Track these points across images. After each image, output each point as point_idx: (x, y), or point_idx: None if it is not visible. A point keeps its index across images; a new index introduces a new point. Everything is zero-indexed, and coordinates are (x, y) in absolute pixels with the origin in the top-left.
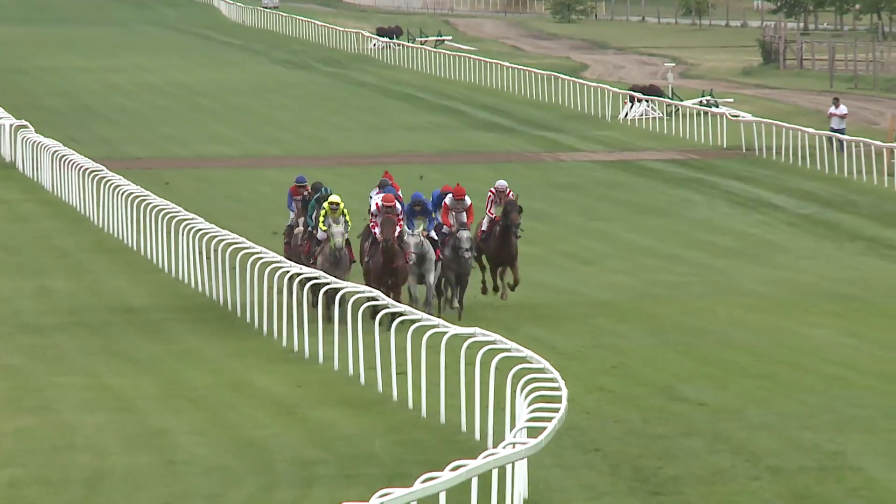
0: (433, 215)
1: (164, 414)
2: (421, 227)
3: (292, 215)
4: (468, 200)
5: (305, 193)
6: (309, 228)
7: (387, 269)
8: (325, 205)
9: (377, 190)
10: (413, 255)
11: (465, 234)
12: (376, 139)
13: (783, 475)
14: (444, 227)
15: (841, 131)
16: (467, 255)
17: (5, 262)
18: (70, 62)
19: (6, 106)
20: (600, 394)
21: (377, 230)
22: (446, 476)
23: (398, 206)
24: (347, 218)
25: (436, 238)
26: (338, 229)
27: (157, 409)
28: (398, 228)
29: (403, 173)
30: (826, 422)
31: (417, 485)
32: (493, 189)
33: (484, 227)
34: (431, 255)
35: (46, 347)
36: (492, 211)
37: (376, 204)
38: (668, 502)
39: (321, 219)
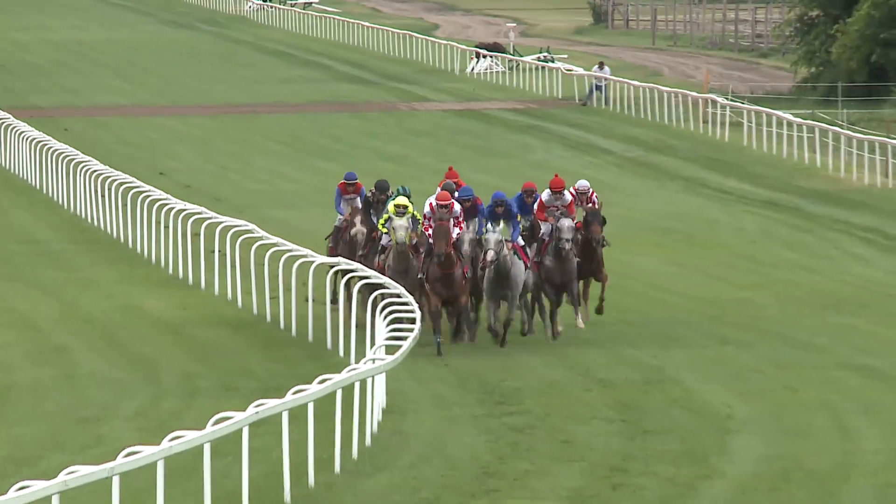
0: (519, 218)
1: (64, 333)
2: (498, 234)
3: (340, 217)
4: (568, 196)
5: (368, 194)
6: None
7: (445, 281)
8: (391, 207)
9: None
10: (492, 251)
11: (566, 221)
12: (253, 90)
13: (611, 387)
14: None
15: (601, 88)
16: (567, 245)
17: None
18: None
19: None
20: None
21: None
22: (314, 388)
23: (457, 207)
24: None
25: (522, 244)
26: (400, 222)
27: (58, 329)
28: (456, 232)
29: (275, 123)
30: (648, 340)
31: (289, 396)
32: (573, 190)
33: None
34: (518, 270)
35: None
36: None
37: (430, 204)
38: (511, 410)
39: (382, 222)
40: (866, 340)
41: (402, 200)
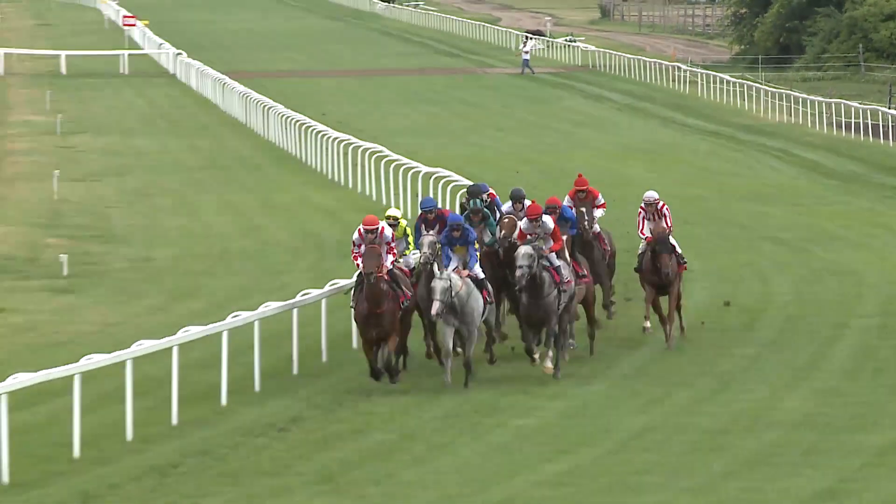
0: (476, 245)
1: (261, 217)
2: (455, 265)
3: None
4: (549, 223)
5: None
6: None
7: (372, 317)
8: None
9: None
10: (438, 302)
11: (523, 248)
12: (381, 60)
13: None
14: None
15: (527, 62)
16: (519, 272)
17: (168, 128)
18: (205, 17)
19: (171, 41)
20: None
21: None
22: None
23: (388, 231)
24: (410, 239)
25: (481, 276)
26: (428, 238)
27: (257, 213)
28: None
29: (395, 81)
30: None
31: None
32: (642, 204)
33: (640, 250)
34: (474, 303)
35: (194, 181)
36: (644, 231)
37: (359, 230)
38: None
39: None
40: (778, 222)
41: (393, 212)
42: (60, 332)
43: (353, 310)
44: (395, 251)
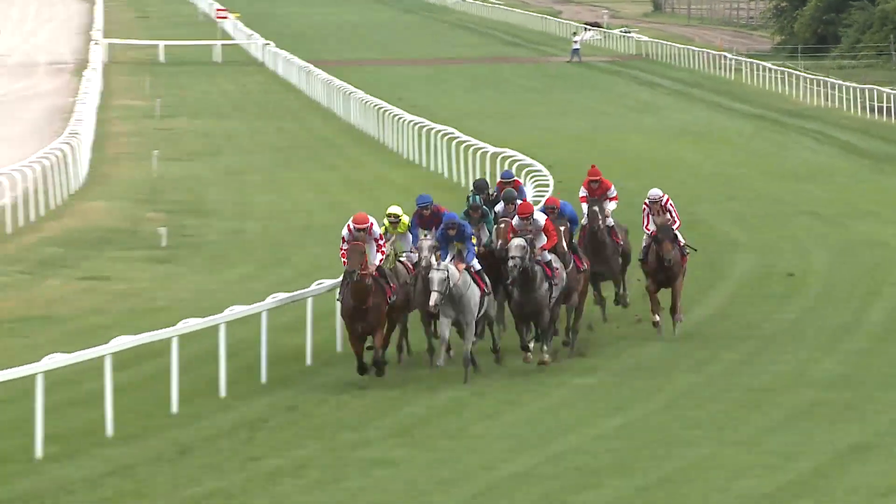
0: (473, 240)
1: (342, 192)
2: (449, 258)
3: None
4: (541, 220)
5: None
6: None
7: (358, 312)
8: (384, 219)
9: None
10: (435, 293)
11: (515, 241)
12: (451, 50)
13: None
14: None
15: (576, 51)
16: (510, 263)
17: (257, 112)
18: (291, 10)
19: (260, 33)
20: None
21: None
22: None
23: (376, 228)
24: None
25: (479, 268)
26: (427, 243)
27: (338, 189)
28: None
29: (464, 69)
30: (692, 199)
31: None
32: (646, 201)
33: (644, 244)
34: (472, 294)
35: (281, 160)
36: (649, 227)
37: (348, 226)
38: None
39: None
40: (815, 197)
41: (394, 210)
42: (159, 298)
43: (339, 304)
44: (400, 247)
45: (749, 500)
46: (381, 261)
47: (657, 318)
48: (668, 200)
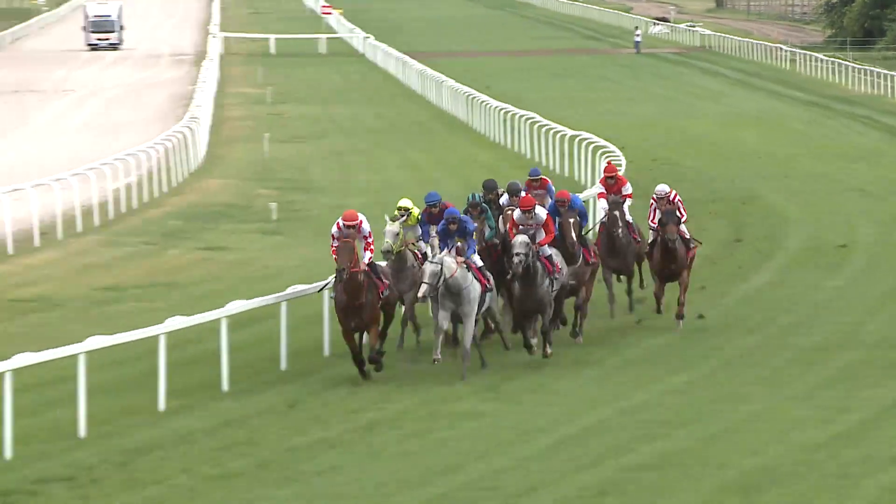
0: (474, 236)
1: (436, 171)
2: (444, 252)
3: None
4: (542, 213)
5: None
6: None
7: (351, 309)
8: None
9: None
10: (425, 284)
11: (520, 237)
12: (532, 43)
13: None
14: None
15: (638, 44)
16: (516, 259)
17: (358, 98)
18: (389, 6)
19: (360, 27)
20: None
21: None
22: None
23: (367, 226)
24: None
25: (480, 264)
26: (390, 228)
27: (429, 167)
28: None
29: (543, 60)
30: (750, 176)
31: None
32: (653, 196)
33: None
34: (472, 289)
35: (380, 142)
36: (654, 221)
37: (337, 224)
38: None
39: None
40: (863, 176)
41: (404, 203)
42: (270, 266)
43: (333, 301)
44: (411, 235)
45: (805, 448)
46: (370, 258)
47: (662, 307)
48: (675, 196)
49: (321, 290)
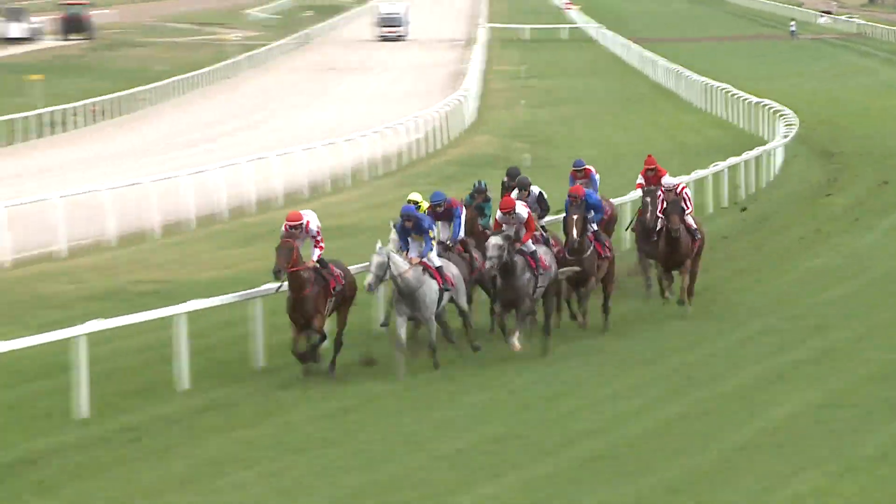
0: (431, 234)
1: (649, 131)
2: (388, 248)
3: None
4: (523, 213)
5: (504, 181)
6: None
7: (297, 302)
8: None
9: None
10: (371, 275)
11: (493, 238)
12: (724, 31)
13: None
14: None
15: (794, 32)
16: (488, 264)
17: (591, 74)
18: (620, 3)
19: (594, 19)
20: None
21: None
22: None
23: (314, 225)
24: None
25: (438, 265)
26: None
27: (646, 129)
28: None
29: (736, 46)
30: (829, 135)
31: None
32: (661, 187)
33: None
34: (426, 290)
35: (606, 109)
36: (660, 211)
37: (285, 226)
38: None
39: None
40: None
41: (414, 196)
42: None
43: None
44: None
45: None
46: (319, 255)
47: (668, 294)
48: (683, 189)
49: (277, 290)
